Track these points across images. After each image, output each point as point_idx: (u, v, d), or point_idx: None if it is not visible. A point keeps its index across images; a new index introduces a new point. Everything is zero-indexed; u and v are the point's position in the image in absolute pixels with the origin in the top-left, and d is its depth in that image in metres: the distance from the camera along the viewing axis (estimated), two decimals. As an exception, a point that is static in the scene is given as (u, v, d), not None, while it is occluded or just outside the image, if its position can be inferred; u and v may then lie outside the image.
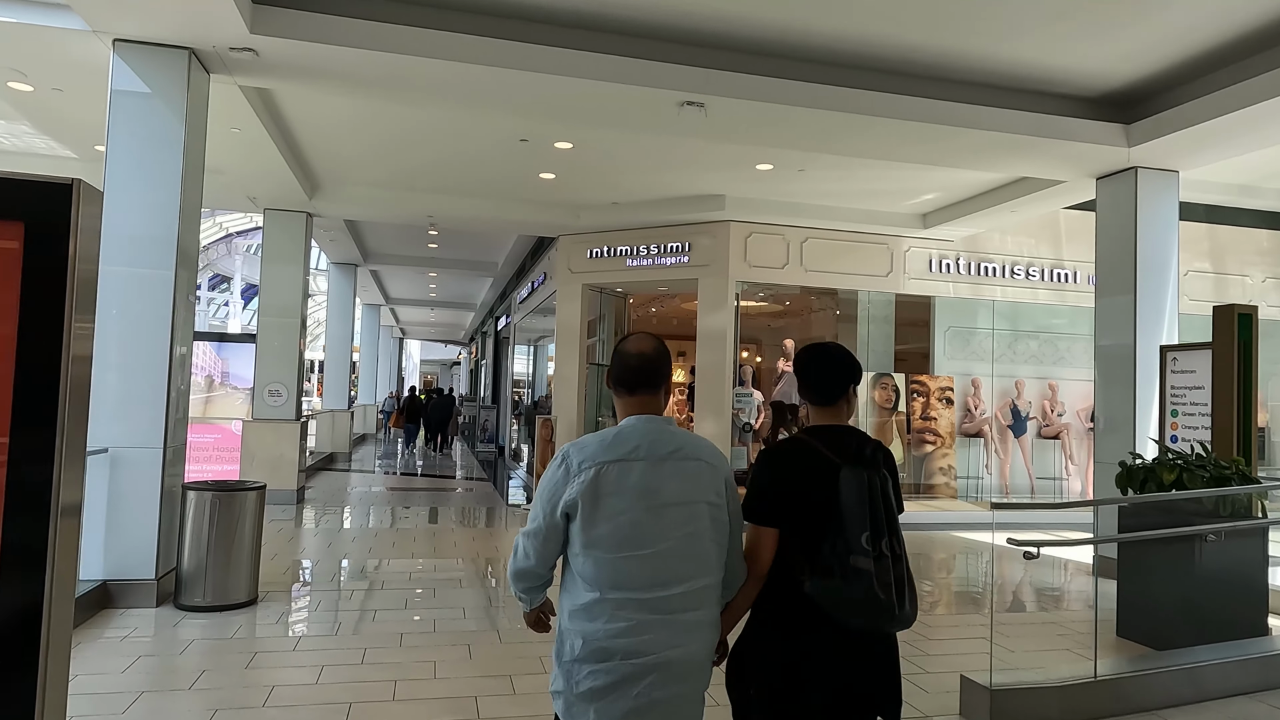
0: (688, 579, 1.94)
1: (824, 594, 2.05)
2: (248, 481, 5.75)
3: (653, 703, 1.87)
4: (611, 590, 1.90)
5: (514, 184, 9.60)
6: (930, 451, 11.11)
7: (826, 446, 2.17)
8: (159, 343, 5.44)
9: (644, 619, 1.89)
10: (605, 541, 1.91)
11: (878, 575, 2.01)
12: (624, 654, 1.87)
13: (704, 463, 2.03)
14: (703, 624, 1.98)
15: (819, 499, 2.09)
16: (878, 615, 2.03)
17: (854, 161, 8.13)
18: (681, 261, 10.48)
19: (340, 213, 10.91)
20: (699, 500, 1.98)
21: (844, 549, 2.03)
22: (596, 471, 1.93)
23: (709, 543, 1.99)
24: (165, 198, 5.51)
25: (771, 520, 2.15)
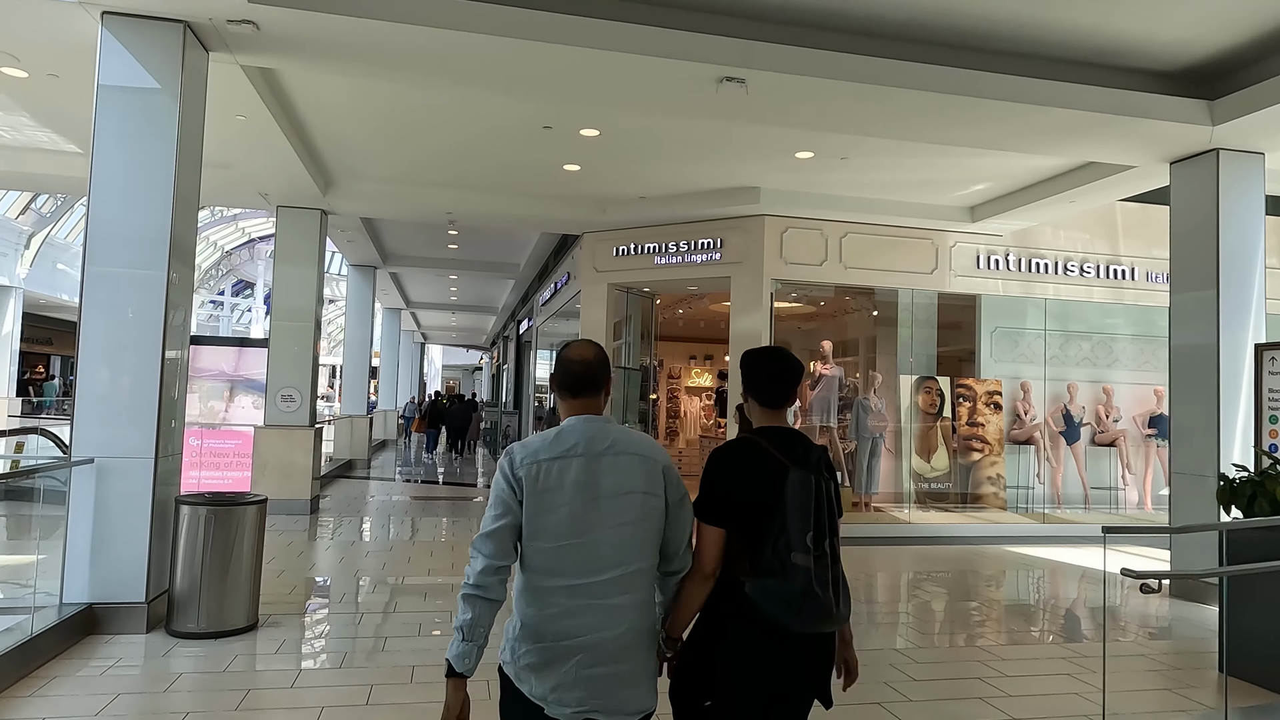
0: (619, 565, 2.04)
1: (763, 592, 2.09)
2: (247, 494, 5.26)
3: (580, 679, 1.99)
4: (548, 577, 2.03)
5: (537, 177, 9.09)
6: (978, 459, 10.45)
7: (776, 448, 2.21)
8: (150, 346, 4.97)
9: (574, 604, 2.01)
10: (546, 533, 2.02)
11: (817, 573, 2.08)
12: (554, 636, 2.00)
13: (638, 456, 2.12)
14: (631, 606, 2.07)
15: (766, 499, 2.14)
16: (815, 612, 2.09)
17: (902, 148, 7.54)
18: (713, 259, 9.92)
19: (356, 210, 10.46)
20: (634, 491, 2.08)
21: (785, 547, 2.08)
22: (538, 467, 2.04)
23: (642, 531, 2.09)
24: (157, 191, 5.05)
25: (718, 519, 2.19)
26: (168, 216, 5.04)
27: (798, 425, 10.27)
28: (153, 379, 4.96)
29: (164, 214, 5.04)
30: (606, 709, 2.02)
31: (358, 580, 6.72)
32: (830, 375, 10.28)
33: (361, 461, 16.44)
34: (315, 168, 8.88)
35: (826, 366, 10.33)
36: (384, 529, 9.45)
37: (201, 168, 5.58)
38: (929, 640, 5.69)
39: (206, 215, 32.71)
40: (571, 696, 1.99)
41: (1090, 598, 7.27)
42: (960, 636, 5.86)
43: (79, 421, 4.88)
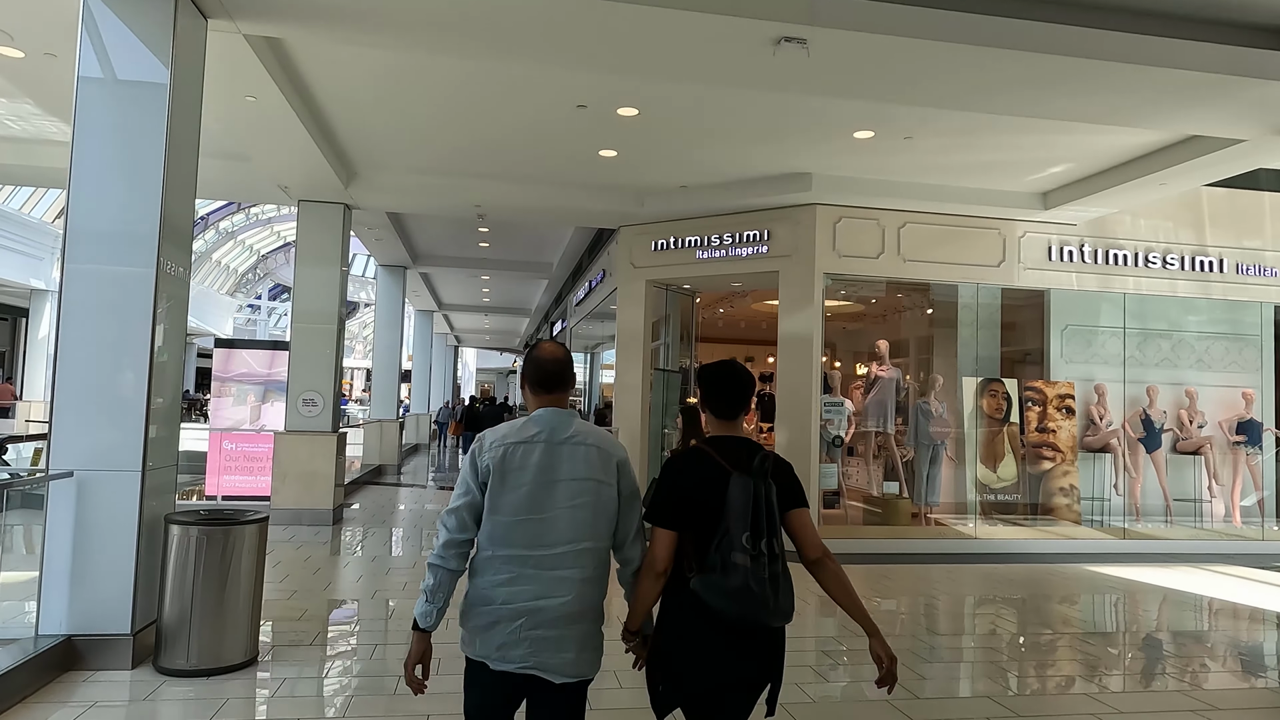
0: (570, 542, 2.29)
1: (705, 587, 2.27)
2: (246, 511, 4.68)
3: (521, 639, 2.26)
4: (502, 548, 2.30)
5: (571, 165, 8.46)
6: (1049, 469, 9.60)
7: (721, 455, 2.40)
8: (137, 348, 4.42)
9: (522, 573, 2.28)
10: (506, 508, 2.29)
11: (754, 571, 2.25)
12: (502, 600, 2.28)
13: (595, 447, 2.37)
14: (577, 580, 2.30)
15: (712, 503, 2.33)
16: (753, 606, 2.25)
17: (975, 125, 6.78)
18: (760, 252, 9.20)
19: (380, 203, 9.92)
20: (588, 478, 2.34)
21: (727, 547, 2.26)
22: (504, 451, 2.32)
23: (594, 513, 2.34)
24: (145, 178, 4.50)
25: (668, 523, 2.37)
26: (157, 207, 4.48)
27: (851, 430, 9.55)
28: (140, 384, 4.41)
29: (152, 204, 4.49)
30: (544, 667, 2.27)
31: (376, 604, 6.13)
32: (887, 377, 9.50)
33: (391, 467, 15.96)
34: (335, 157, 8.35)
35: (883, 368, 9.56)
36: (411, 542, 8.88)
37: (198, 151, 5.01)
38: (1023, 683, 4.93)
39: (242, 219, 32.77)
40: (515, 654, 2.26)
41: (1201, 628, 6.43)
42: (1059, 678, 5.09)
43: (57, 430, 4.34)
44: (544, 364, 2.43)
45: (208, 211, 30.10)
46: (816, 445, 8.72)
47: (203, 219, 30.35)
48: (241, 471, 10.04)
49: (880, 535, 9.03)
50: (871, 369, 9.61)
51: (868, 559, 8.49)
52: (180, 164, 4.71)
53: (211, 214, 30.50)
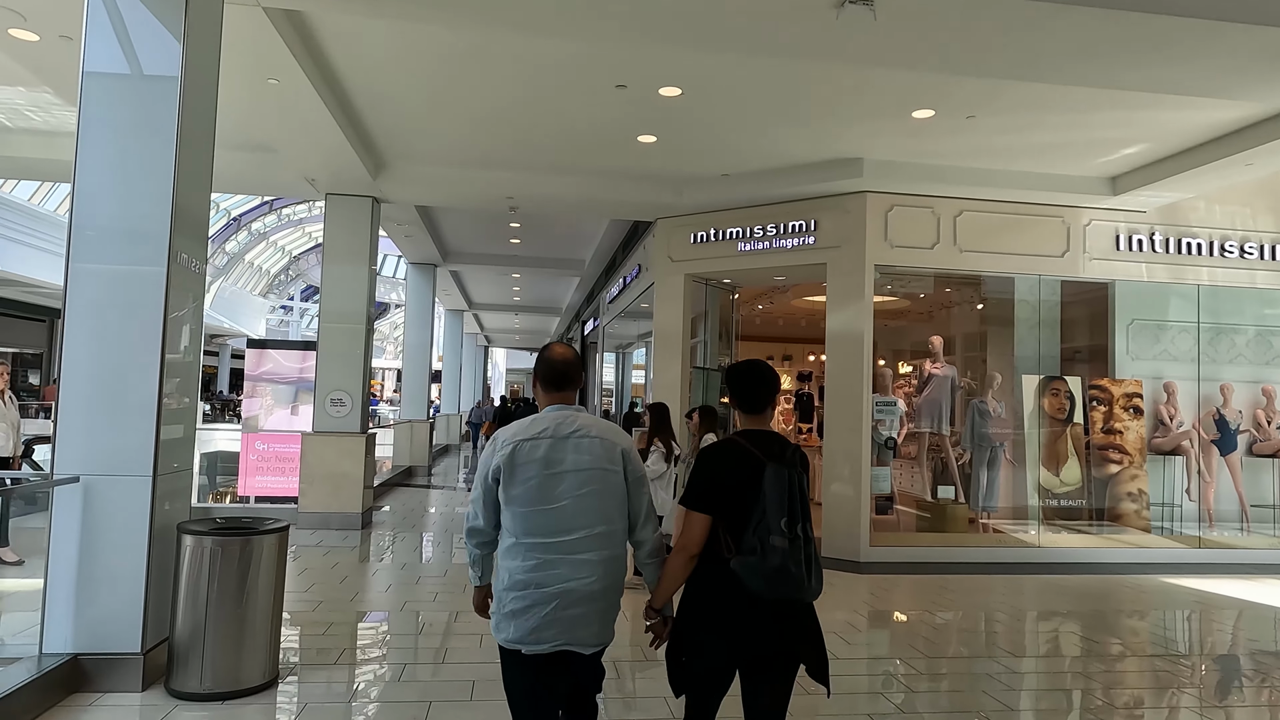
0: (585, 528, 2.48)
1: (745, 568, 2.43)
2: (266, 519, 4.32)
3: (554, 620, 2.45)
4: (525, 537, 2.49)
5: (607, 153, 8.04)
6: (1115, 472, 9.00)
7: (755, 447, 2.57)
8: (147, 350, 4.08)
9: (549, 558, 2.46)
10: (519, 499, 2.50)
11: (791, 553, 2.42)
12: (535, 585, 2.45)
13: (599, 439, 2.56)
14: (599, 561, 2.50)
15: (747, 490, 2.50)
16: (790, 585, 2.43)
17: (1045, 100, 6.26)
18: (806, 243, 8.72)
19: (410, 196, 9.59)
20: (594, 468, 2.52)
21: (765, 531, 2.42)
22: (514, 447, 2.51)
23: (602, 499, 2.53)
24: (154, 171, 4.16)
25: (703, 508, 2.55)
26: (168, 201, 4.15)
27: (903, 431, 9.03)
28: (150, 384, 4.07)
29: (163, 198, 4.16)
30: (575, 642, 2.48)
31: (406, 617, 5.76)
32: (941, 375, 8.97)
33: (422, 469, 15.70)
34: (363, 146, 8.02)
35: (937, 365, 9.02)
36: (442, 548, 8.53)
37: (214, 136, 4.69)
38: (1112, 710, 4.42)
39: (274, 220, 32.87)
40: (548, 634, 2.45)
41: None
42: (1156, 708, 4.57)
43: (62, 433, 4.01)
44: (555, 364, 2.65)
45: (240, 213, 30.21)
46: (868, 447, 8.22)
47: (235, 220, 30.47)
48: (274, 472, 9.82)
49: (935, 543, 8.51)
50: (925, 366, 9.08)
51: (921, 568, 7.98)
52: (195, 151, 4.38)
53: (244, 215, 30.61)
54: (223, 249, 31.71)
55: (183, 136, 4.21)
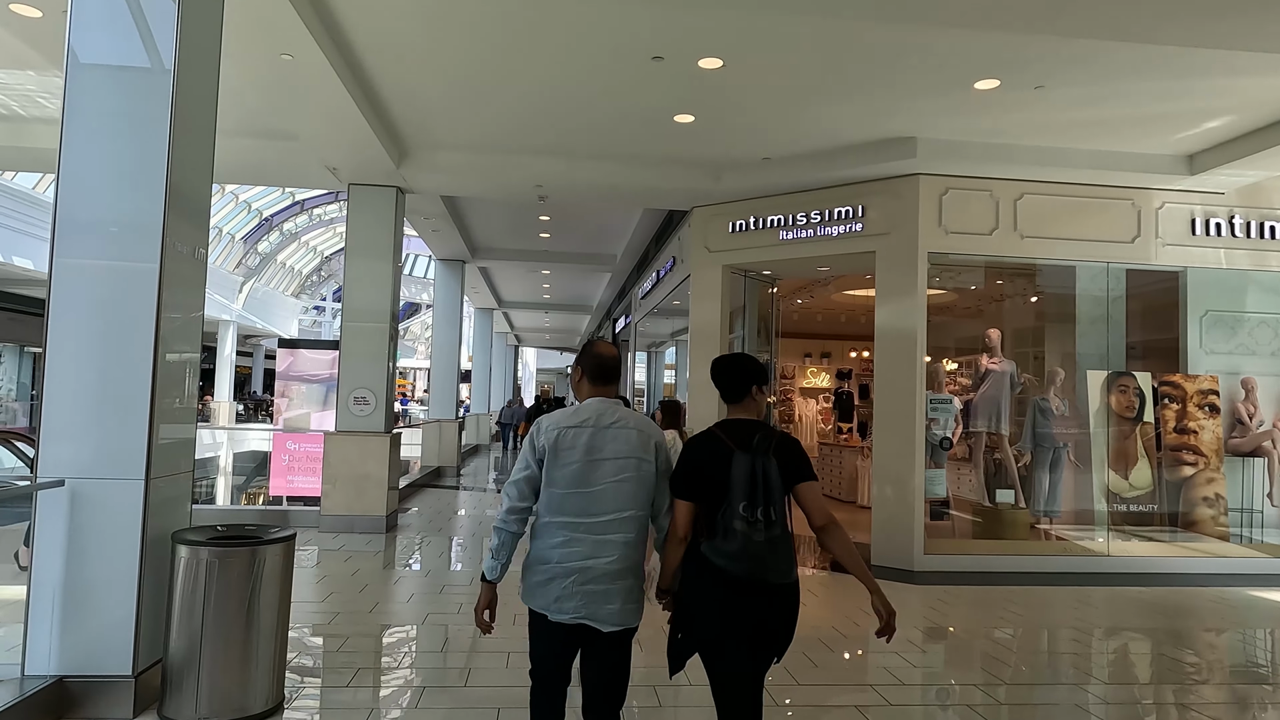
0: (614, 511, 2.68)
1: (712, 550, 2.64)
2: (271, 528, 3.91)
3: (575, 593, 2.64)
4: (556, 515, 2.68)
5: (642, 134, 7.58)
6: (1190, 475, 8.33)
7: (729, 436, 2.75)
8: (138, 349, 3.71)
9: (574, 536, 2.66)
10: (559, 482, 2.68)
11: (751, 535, 2.59)
12: (557, 560, 2.65)
13: (636, 430, 2.77)
14: (622, 544, 2.69)
15: (719, 477, 2.67)
16: (751, 565, 2.59)
17: (1123, 67, 5.67)
18: (853, 230, 8.18)
19: (435, 185, 9.20)
20: (629, 457, 2.72)
21: (730, 515, 2.61)
22: (558, 433, 2.71)
23: (635, 486, 2.72)
24: (146, 162, 3.78)
25: (684, 495, 2.75)
26: (160, 192, 3.76)
27: (958, 430, 8.46)
28: (142, 382, 3.69)
29: (155, 190, 3.78)
30: (594, 617, 2.65)
31: (429, 631, 5.34)
32: (999, 371, 8.37)
33: (450, 469, 15.37)
34: (385, 132, 7.64)
35: (994, 361, 8.43)
36: (470, 553, 8.11)
37: (215, 123, 4.30)
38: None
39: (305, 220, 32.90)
40: (568, 605, 2.65)
41: None
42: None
43: (46, 435, 3.64)
44: (604, 360, 2.86)
45: (271, 213, 30.27)
46: (921, 448, 7.66)
47: (266, 220, 30.54)
48: (305, 472, 9.56)
49: (994, 551, 7.91)
50: (981, 361, 8.48)
51: (980, 578, 7.40)
52: (193, 138, 4.01)
53: (275, 215, 30.67)
54: (255, 249, 31.81)
55: (178, 124, 3.83)
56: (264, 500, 10.24)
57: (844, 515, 11.34)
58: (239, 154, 8.23)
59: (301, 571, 6.86)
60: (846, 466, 12.93)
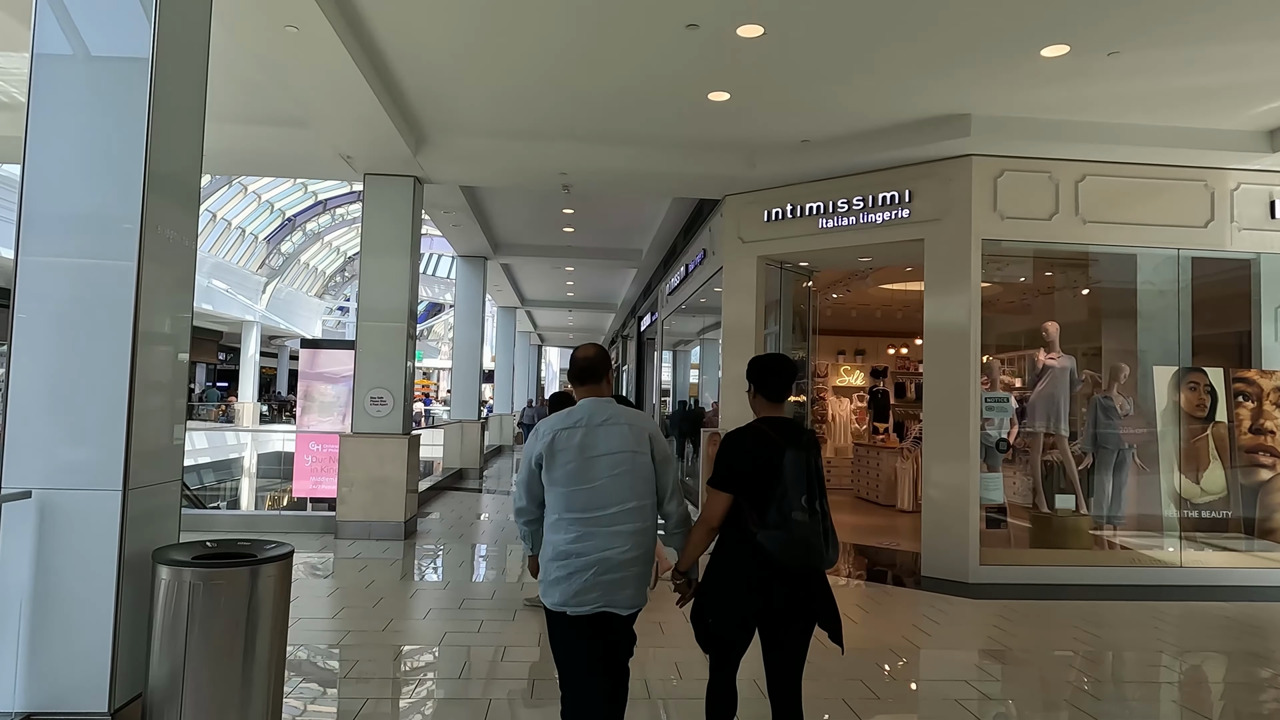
0: (618, 503, 2.82)
1: (771, 541, 2.75)
2: (269, 544, 3.47)
3: (594, 584, 2.77)
4: (566, 512, 2.83)
5: (672, 116, 7.10)
6: (1268, 479, 7.69)
7: (776, 433, 2.88)
8: (113, 349, 3.28)
9: (587, 531, 2.80)
10: (560, 481, 2.84)
11: (810, 526, 2.76)
12: (576, 554, 2.79)
13: (628, 425, 2.89)
14: (630, 533, 2.82)
15: (768, 471, 2.79)
16: (809, 555, 2.78)
17: (1209, 29, 5.12)
18: (899, 217, 7.63)
19: (454, 174, 8.78)
20: (624, 450, 2.85)
21: (787, 508, 2.74)
22: (553, 436, 2.86)
23: (633, 478, 2.85)
24: (120, 148, 3.36)
25: (726, 487, 2.87)
26: (138, 181, 3.34)
27: (1014, 431, 7.88)
28: (119, 384, 3.26)
29: (132, 184, 3.35)
30: (613, 604, 2.80)
31: (447, 654, 4.89)
32: (1059, 367, 7.78)
33: (473, 471, 14.98)
34: (400, 116, 7.22)
35: (1053, 356, 7.84)
36: (493, 563, 7.67)
37: (205, 107, 3.90)
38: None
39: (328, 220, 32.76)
40: (589, 597, 2.78)
41: None
42: None
43: (11, 441, 3.22)
44: (578, 361, 3.03)
45: (294, 213, 30.14)
46: (976, 451, 7.10)
47: (289, 220, 30.41)
48: (329, 473, 9.18)
49: (1055, 561, 7.33)
50: (1038, 357, 7.89)
51: (1040, 591, 6.82)
52: (175, 119, 3.59)
53: (298, 215, 30.54)
54: (278, 250, 31.71)
55: (158, 110, 3.40)
56: (288, 502, 9.87)
57: (881, 521, 10.79)
58: (248, 141, 7.86)
59: (313, 583, 6.46)
60: (884, 469, 12.36)
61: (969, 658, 5.15)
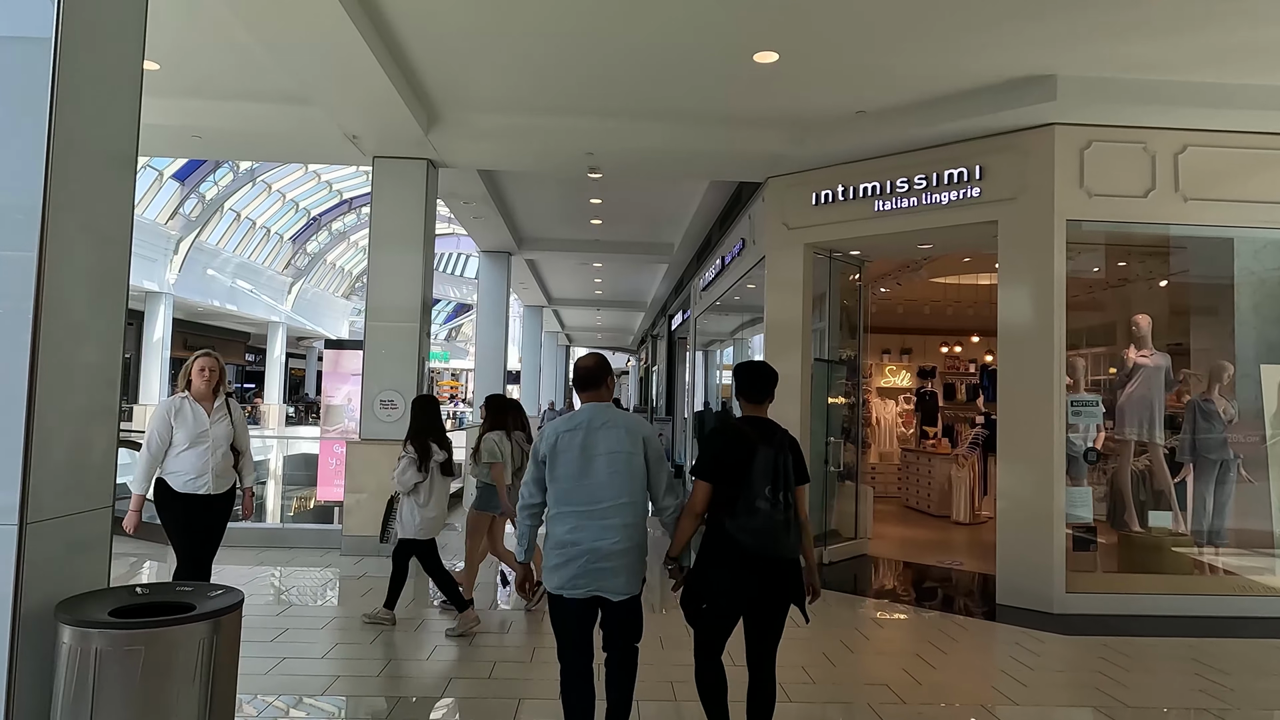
0: (611, 499, 3.14)
1: (736, 527, 3.10)
2: (213, 591, 2.72)
3: (587, 571, 3.11)
4: (564, 506, 3.17)
5: (712, 85, 6.30)
6: (1396, 495, 6.68)
7: (753, 431, 3.25)
8: (9, 359, 2.54)
9: (582, 523, 3.13)
10: (562, 478, 3.18)
11: (771, 514, 3.11)
12: (571, 544, 3.13)
13: (624, 428, 3.22)
14: (622, 526, 3.14)
15: (742, 465, 3.14)
16: (771, 539, 3.10)
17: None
18: (968, 196, 6.75)
19: (471, 156, 8.03)
20: (620, 451, 3.18)
21: (751, 497, 3.10)
22: (556, 438, 3.21)
23: (628, 477, 3.17)
24: (18, 118, 2.64)
25: (706, 477, 3.22)
26: (39, 169, 2.62)
27: (1101, 438, 6.96)
28: (15, 403, 2.52)
29: (29, 166, 2.62)
30: (604, 590, 3.14)
31: (453, 711, 4.11)
32: (1152, 366, 6.84)
33: (497, 477, 14.24)
34: (410, 90, 6.50)
35: (1145, 354, 6.90)
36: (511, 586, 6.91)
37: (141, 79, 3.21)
38: None
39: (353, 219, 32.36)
40: (582, 582, 3.12)
41: None
42: None
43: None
44: (580, 370, 3.39)
45: (319, 212, 29.74)
46: (1061, 461, 6.21)
47: (314, 220, 30.03)
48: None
49: (1151, 589, 6.38)
50: (1128, 355, 6.95)
51: (1139, 625, 5.90)
52: (98, 83, 2.87)
53: (323, 215, 30.14)
54: (304, 250, 31.36)
55: (64, 93, 2.68)
56: (314, 505, 9.74)
57: (935, 534, 9.88)
58: (244, 121, 7.18)
59: (308, 612, 5.75)
60: (937, 477, 11.43)
61: (1078, 716, 4.27)
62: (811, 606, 3.28)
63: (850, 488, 8.58)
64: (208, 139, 7.56)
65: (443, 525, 5.67)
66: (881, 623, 5.99)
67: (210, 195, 23.22)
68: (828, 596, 6.63)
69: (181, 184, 22.18)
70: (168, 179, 21.57)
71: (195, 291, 24.10)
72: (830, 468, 8.10)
